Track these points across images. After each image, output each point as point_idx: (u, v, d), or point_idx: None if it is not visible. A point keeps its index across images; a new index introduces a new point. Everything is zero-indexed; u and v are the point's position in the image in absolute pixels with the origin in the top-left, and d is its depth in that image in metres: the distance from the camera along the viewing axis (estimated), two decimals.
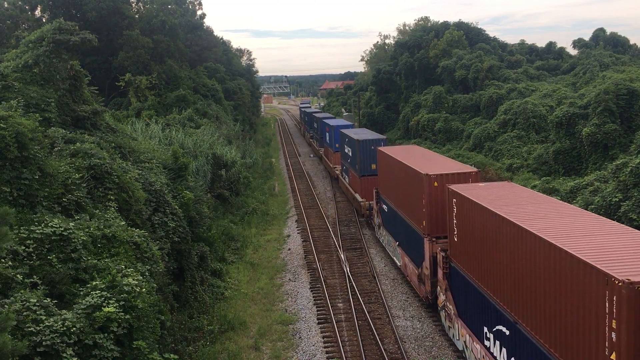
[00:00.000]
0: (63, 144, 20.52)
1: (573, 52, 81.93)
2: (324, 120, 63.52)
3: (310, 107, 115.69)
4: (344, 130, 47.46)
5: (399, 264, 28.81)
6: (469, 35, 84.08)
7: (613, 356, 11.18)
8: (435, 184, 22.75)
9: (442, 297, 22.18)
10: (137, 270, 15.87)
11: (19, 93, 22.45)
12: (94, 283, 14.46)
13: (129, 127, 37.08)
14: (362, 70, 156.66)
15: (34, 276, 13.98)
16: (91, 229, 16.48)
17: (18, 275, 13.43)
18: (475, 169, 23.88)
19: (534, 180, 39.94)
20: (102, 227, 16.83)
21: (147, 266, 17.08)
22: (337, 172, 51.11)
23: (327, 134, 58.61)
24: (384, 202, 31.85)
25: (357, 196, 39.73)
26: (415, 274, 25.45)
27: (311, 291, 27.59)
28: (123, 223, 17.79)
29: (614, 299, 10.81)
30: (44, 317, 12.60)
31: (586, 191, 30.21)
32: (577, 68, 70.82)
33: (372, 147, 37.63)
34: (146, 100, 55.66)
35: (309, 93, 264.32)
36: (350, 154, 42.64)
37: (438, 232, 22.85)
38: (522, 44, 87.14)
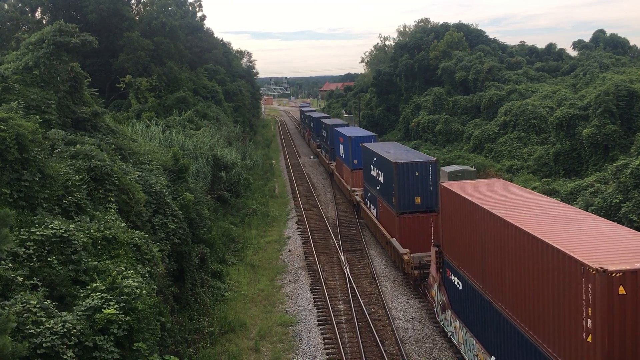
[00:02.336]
0: (63, 145, 20.53)
1: (573, 53, 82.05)
2: (337, 129, 52.30)
3: (313, 110, 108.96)
4: (370, 146, 36.23)
5: None
6: (469, 37, 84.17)
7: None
8: (622, 290, 11.52)
9: None
10: (137, 272, 15.87)
11: (19, 95, 22.47)
12: (94, 285, 14.47)
13: (129, 129, 37.10)
14: (362, 71, 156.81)
15: (34, 278, 13.98)
16: (91, 230, 16.48)
17: (18, 277, 13.43)
18: None
19: (534, 182, 39.94)
20: (102, 228, 16.83)
21: (147, 268, 17.07)
22: (358, 197, 40.30)
23: (342, 146, 47.84)
24: (455, 272, 19.99)
25: (395, 243, 28.79)
26: None
27: (311, 293, 27.58)
28: (123, 225, 17.79)
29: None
30: (44, 319, 12.60)
31: (586, 192, 30.22)
32: (577, 69, 70.86)
33: (417, 174, 28.35)
34: (146, 101, 55.69)
35: (309, 94, 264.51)
36: (381, 179, 32.16)
37: None
38: (522, 45, 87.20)
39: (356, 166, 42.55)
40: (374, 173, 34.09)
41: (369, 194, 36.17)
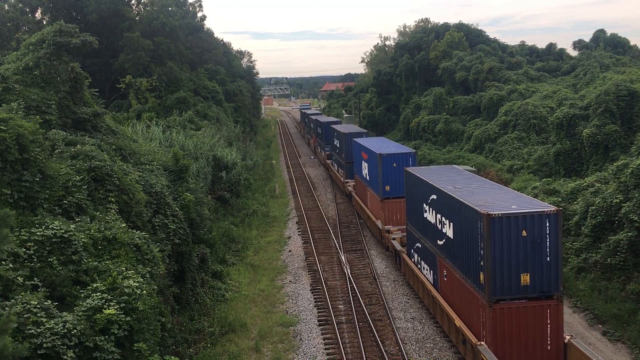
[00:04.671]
0: (64, 146, 20.54)
1: (573, 53, 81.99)
2: (358, 141, 40.37)
3: (319, 112, 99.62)
4: (422, 174, 24.41)
5: None
6: (469, 37, 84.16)
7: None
8: None
9: None
10: (137, 272, 15.87)
11: (19, 95, 22.48)
12: (95, 285, 14.47)
13: (130, 129, 37.10)
14: (363, 71, 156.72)
15: (35, 278, 13.98)
16: (92, 231, 16.49)
17: (19, 278, 13.43)
18: None
19: (534, 182, 39.95)
20: (102, 229, 16.84)
21: (147, 268, 17.08)
22: (397, 244, 29.09)
23: (366, 163, 36.94)
24: None
25: (488, 354, 17.17)
26: None
27: (312, 293, 27.59)
28: (124, 225, 17.80)
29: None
30: (44, 320, 12.60)
31: (587, 192, 30.22)
32: (577, 69, 70.84)
33: (524, 233, 17.19)
34: (147, 102, 55.67)
35: (309, 95, 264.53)
36: (447, 231, 20.82)
37: None
38: (522, 45, 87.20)
39: (389, 194, 32.22)
40: (430, 217, 22.94)
41: (418, 245, 25.18)
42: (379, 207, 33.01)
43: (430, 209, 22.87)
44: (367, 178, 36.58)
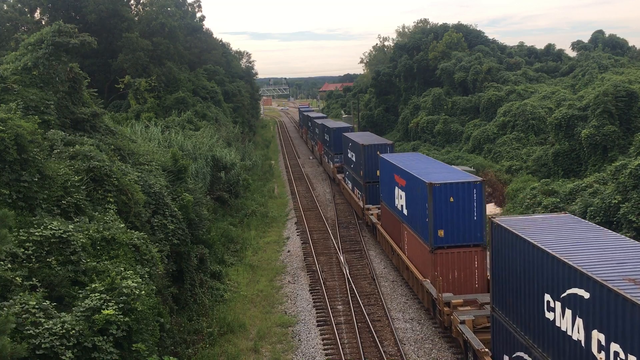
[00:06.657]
0: (62, 146, 20.52)
1: (572, 54, 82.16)
2: (390, 160, 29.93)
3: (324, 115, 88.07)
4: (545, 244, 13.37)
5: None
6: (468, 37, 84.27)
7: None
8: None
9: None
10: (136, 273, 15.85)
11: (18, 95, 22.45)
12: (93, 285, 14.45)
13: (129, 130, 37.08)
14: (362, 72, 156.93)
15: (33, 279, 13.97)
16: (90, 231, 16.48)
17: (17, 278, 13.41)
18: None
19: (533, 182, 40.00)
20: (101, 229, 16.82)
21: (146, 268, 17.06)
22: (467, 329, 18.78)
23: (402, 192, 27.04)
24: None
25: None
26: None
27: (311, 293, 27.58)
28: (122, 225, 17.78)
29: None
30: (43, 320, 12.58)
31: (585, 193, 30.27)
32: (576, 70, 70.92)
33: None
34: (145, 102, 55.65)
35: (308, 95, 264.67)
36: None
37: None
38: (521, 46, 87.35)
39: (443, 242, 22.44)
40: (567, 326, 12.58)
41: (526, 359, 14.79)
42: (428, 260, 22.98)
43: (568, 311, 12.53)
44: (405, 212, 26.54)
